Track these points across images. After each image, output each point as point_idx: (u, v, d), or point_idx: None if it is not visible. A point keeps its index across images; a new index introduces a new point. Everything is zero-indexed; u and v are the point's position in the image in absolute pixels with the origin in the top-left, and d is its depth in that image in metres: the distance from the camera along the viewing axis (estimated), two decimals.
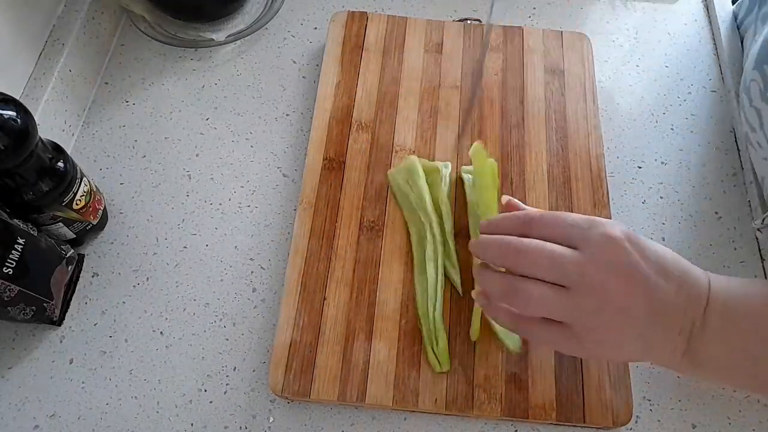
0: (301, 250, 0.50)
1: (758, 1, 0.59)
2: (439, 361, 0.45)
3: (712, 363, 0.38)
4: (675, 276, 0.37)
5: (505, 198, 0.44)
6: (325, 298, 0.48)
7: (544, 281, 0.37)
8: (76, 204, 0.48)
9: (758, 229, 0.50)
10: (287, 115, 0.60)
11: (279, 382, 0.45)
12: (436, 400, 0.45)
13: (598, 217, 0.38)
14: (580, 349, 0.38)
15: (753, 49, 0.52)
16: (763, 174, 0.52)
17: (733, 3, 0.63)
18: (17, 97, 0.43)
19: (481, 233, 0.42)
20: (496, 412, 0.44)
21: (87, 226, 0.51)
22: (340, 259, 0.50)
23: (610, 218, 0.51)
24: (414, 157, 0.52)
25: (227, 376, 0.48)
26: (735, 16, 0.63)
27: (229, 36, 0.62)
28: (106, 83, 0.62)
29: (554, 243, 0.37)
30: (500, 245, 0.39)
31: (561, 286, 0.37)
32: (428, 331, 0.46)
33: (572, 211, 0.50)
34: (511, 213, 0.42)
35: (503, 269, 0.40)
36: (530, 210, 0.42)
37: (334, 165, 0.54)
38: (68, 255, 0.50)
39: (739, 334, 0.37)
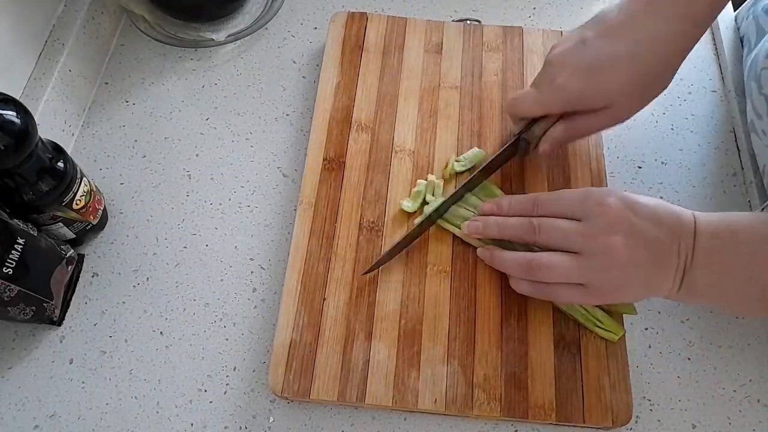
0: (301, 250, 0.50)
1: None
2: (612, 332, 0.46)
3: (706, 290, 0.42)
4: (667, 222, 0.42)
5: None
6: (325, 298, 0.48)
7: (557, 251, 0.43)
8: (76, 204, 0.48)
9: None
10: (287, 115, 0.60)
11: (279, 382, 0.45)
12: (435, 400, 0.45)
13: (590, 188, 0.45)
14: (597, 299, 0.44)
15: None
16: (765, 162, 0.52)
17: (735, 9, 0.64)
18: (17, 97, 0.43)
19: (482, 214, 0.49)
20: (496, 413, 0.44)
21: (87, 226, 0.51)
22: (340, 259, 0.50)
23: None
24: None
25: (227, 376, 0.48)
26: (735, 18, 0.63)
27: (229, 36, 0.62)
28: (106, 83, 0.62)
29: (560, 218, 0.44)
30: (519, 223, 0.46)
31: (573, 253, 0.42)
32: (583, 317, 0.47)
33: None
34: (517, 196, 0.48)
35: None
36: (530, 194, 0.48)
37: (334, 165, 0.54)
38: (68, 255, 0.50)
39: (726, 259, 0.41)
